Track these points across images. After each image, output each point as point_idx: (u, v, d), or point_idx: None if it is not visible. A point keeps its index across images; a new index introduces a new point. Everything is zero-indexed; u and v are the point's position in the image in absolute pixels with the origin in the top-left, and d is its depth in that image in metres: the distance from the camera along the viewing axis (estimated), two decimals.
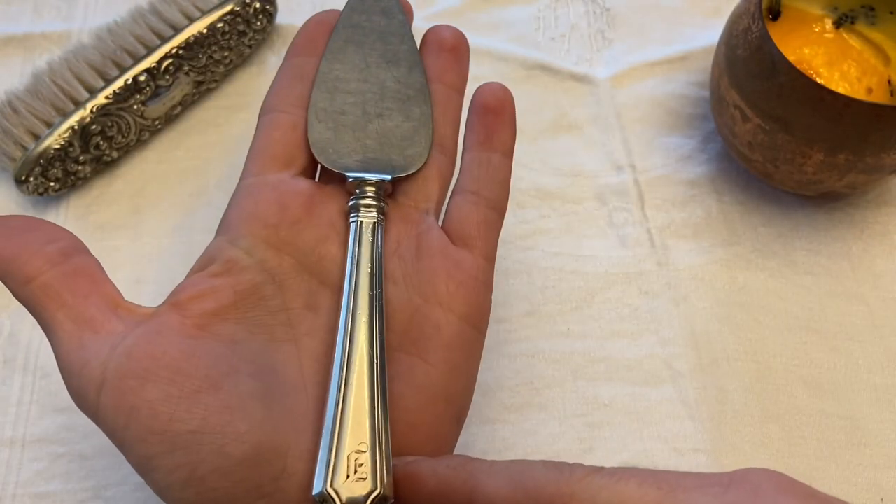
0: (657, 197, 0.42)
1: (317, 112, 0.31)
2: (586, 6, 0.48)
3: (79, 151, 0.40)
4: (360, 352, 0.25)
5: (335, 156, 0.30)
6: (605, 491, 0.20)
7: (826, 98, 0.34)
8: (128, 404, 0.23)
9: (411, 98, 0.31)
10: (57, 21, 0.47)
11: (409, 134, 0.31)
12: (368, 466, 0.23)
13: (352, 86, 0.31)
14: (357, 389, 0.24)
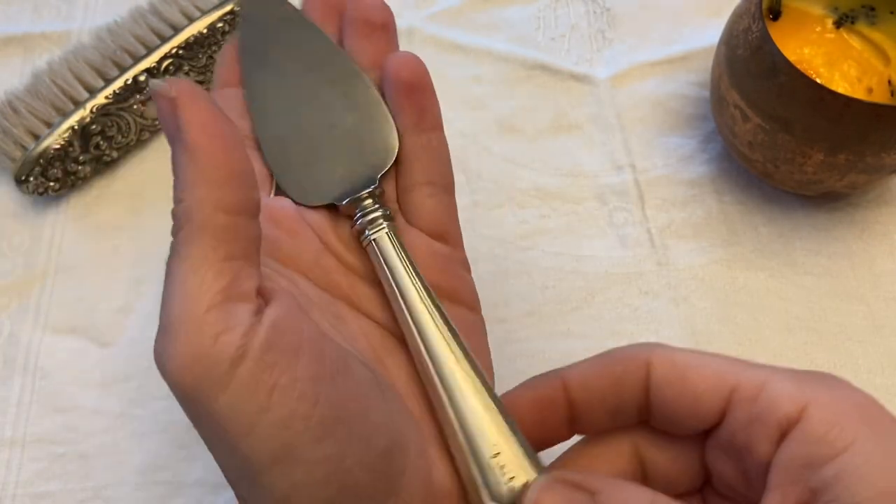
0: (657, 197, 0.42)
1: (272, 155, 0.28)
2: (586, 6, 0.48)
3: (79, 151, 0.40)
4: (448, 366, 0.24)
5: (315, 191, 0.28)
6: (682, 353, 0.23)
7: (826, 98, 0.34)
8: (271, 382, 0.20)
9: (353, 95, 0.29)
10: (57, 21, 0.47)
11: (371, 128, 0.29)
12: (512, 463, 0.23)
13: (291, 112, 0.29)
14: (465, 400, 0.24)
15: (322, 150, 0.28)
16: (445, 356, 0.25)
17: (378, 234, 0.26)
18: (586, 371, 0.24)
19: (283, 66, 0.29)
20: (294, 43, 0.29)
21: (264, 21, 0.29)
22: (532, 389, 0.25)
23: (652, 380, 0.23)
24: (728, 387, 0.22)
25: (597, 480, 0.22)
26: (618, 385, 0.24)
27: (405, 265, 0.26)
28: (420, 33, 0.46)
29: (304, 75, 0.29)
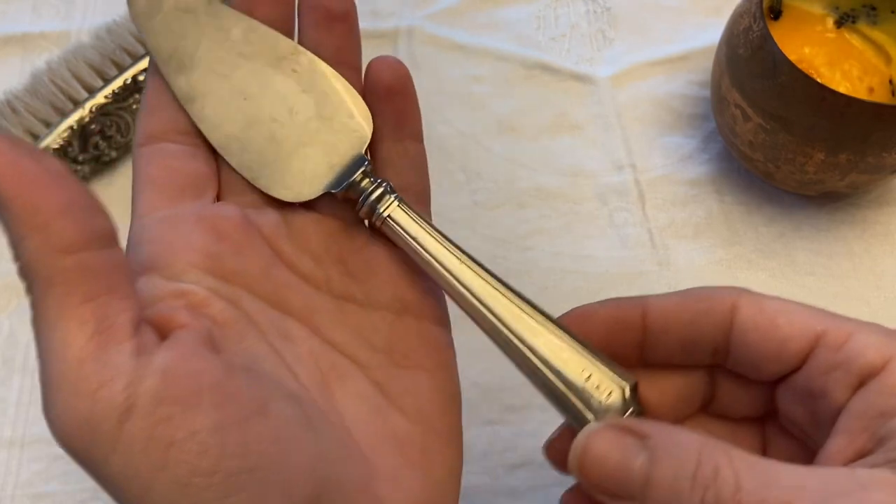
0: (658, 197, 0.42)
1: (236, 158, 0.26)
2: (587, 5, 0.48)
3: (78, 151, 0.40)
4: (509, 312, 0.24)
5: (301, 185, 0.26)
6: (770, 299, 0.23)
7: (827, 98, 0.34)
8: (166, 438, 0.18)
9: (301, 73, 0.27)
10: (56, 21, 0.47)
11: (335, 103, 0.27)
12: (605, 380, 0.23)
13: (238, 107, 0.26)
14: (538, 338, 0.24)
15: (290, 139, 0.26)
16: (503, 304, 0.24)
17: (391, 209, 0.25)
18: (669, 302, 0.24)
19: (209, 60, 0.26)
20: (211, 32, 0.26)
21: (167, 19, 0.26)
22: (610, 308, 0.25)
23: (737, 321, 0.23)
24: (814, 334, 0.22)
25: (648, 425, 0.22)
26: (699, 321, 0.24)
27: (429, 231, 0.25)
28: (420, 33, 0.46)
29: (237, 65, 0.26)
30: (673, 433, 0.21)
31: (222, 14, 0.26)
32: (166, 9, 0.26)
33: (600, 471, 0.21)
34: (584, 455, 0.21)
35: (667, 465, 0.20)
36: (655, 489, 0.20)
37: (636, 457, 0.21)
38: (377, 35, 0.46)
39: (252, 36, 0.26)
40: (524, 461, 0.36)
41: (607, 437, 0.21)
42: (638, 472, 0.20)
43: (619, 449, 0.21)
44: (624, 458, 0.21)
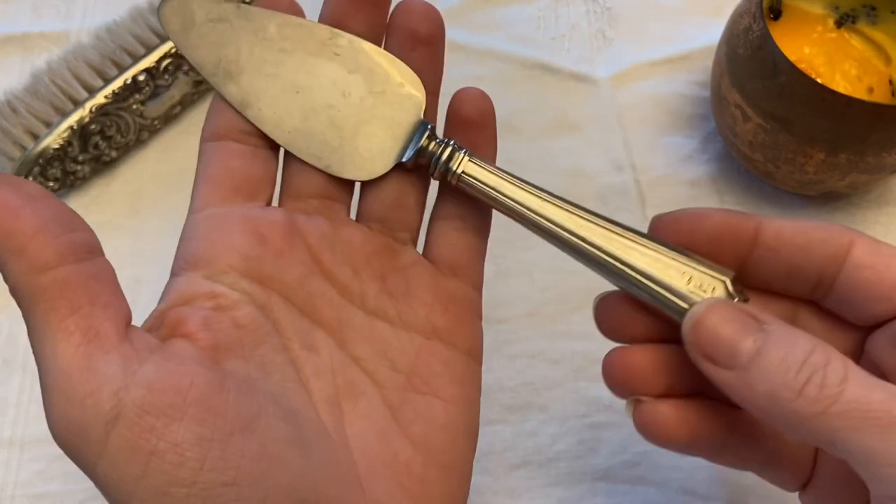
0: (658, 197, 0.42)
1: (303, 150, 0.27)
2: (587, 5, 0.48)
3: (78, 151, 0.40)
4: (603, 237, 0.25)
5: (370, 162, 0.27)
6: (886, 245, 0.23)
7: (827, 98, 0.34)
8: (148, 447, 0.19)
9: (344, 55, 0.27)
10: (56, 21, 0.47)
11: (384, 77, 0.27)
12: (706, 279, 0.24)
13: (293, 101, 0.27)
14: (633, 255, 0.25)
15: (350, 120, 0.27)
16: (593, 230, 0.25)
17: (464, 165, 0.26)
18: (785, 223, 0.24)
19: (253, 63, 0.27)
20: (248, 36, 0.27)
21: (202, 32, 0.27)
22: (724, 214, 0.25)
23: (851, 257, 0.23)
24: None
25: (767, 316, 0.22)
26: (813, 247, 0.24)
27: (505, 177, 0.26)
28: None
29: (281, 61, 0.27)
30: (790, 328, 0.22)
31: (253, 15, 0.27)
32: (199, 22, 0.26)
33: (712, 336, 0.22)
34: (701, 319, 0.23)
35: (780, 345, 0.21)
36: (762, 364, 0.21)
37: (751, 333, 0.22)
38: None
39: (287, 30, 0.27)
40: (524, 461, 0.36)
41: (727, 310, 0.23)
42: (750, 346, 0.21)
43: (736, 322, 0.22)
44: (739, 330, 0.22)
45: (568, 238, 0.26)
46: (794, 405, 0.20)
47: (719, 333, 0.22)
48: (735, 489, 0.35)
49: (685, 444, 0.25)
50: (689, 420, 0.25)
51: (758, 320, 0.22)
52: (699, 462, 0.35)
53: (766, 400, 0.21)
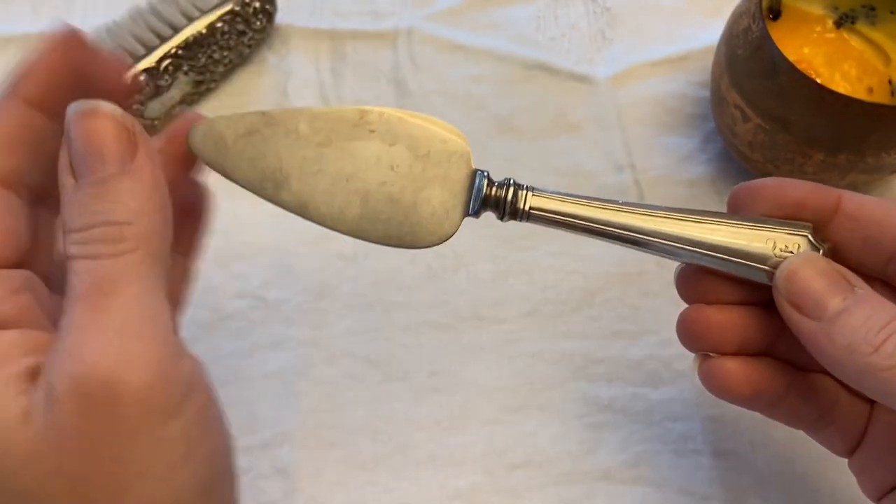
0: (658, 197, 0.42)
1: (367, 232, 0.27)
2: (586, 6, 0.48)
3: None
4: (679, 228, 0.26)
5: (440, 225, 0.27)
6: None
7: (826, 98, 0.34)
8: None
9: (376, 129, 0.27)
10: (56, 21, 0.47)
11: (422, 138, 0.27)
12: (789, 240, 0.26)
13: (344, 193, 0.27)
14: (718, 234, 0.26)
15: (406, 191, 0.27)
16: (669, 225, 0.26)
17: (530, 202, 0.27)
18: (866, 196, 0.26)
19: (296, 165, 0.27)
20: (282, 140, 0.27)
21: (237, 150, 0.26)
22: (809, 183, 0.26)
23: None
24: None
25: (857, 279, 0.24)
26: (890, 222, 0.25)
27: (572, 201, 0.28)
28: (420, 33, 0.46)
29: (322, 155, 0.27)
30: (878, 295, 0.24)
31: (280, 119, 0.27)
32: (231, 141, 0.26)
33: (804, 287, 0.24)
34: (795, 270, 0.24)
35: (867, 307, 0.23)
36: (847, 320, 0.23)
37: (840, 292, 0.23)
38: (377, 35, 0.46)
39: (318, 123, 0.27)
40: (524, 461, 0.36)
41: (821, 265, 0.24)
42: (838, 303, 0.23)
43: (828, 278, 0.24)
44: (831, 286, 0.24)
45: (652, 241, 0.27)
46: (869, 359, 0.22)
47: (811, 286, 0.24)
48: (735, 489, 0.35)
49: (745, 399, 0.27)
50: (752, 377, 0.27)
51: (849, 282, 0.24)
52: (699, 462, 0.36)
53: (843, 351, 0.22)
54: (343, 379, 0.37)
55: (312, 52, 0.46)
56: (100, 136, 0.21)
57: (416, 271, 0.39)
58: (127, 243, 0.20)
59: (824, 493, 0.35)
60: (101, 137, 0.21)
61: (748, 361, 0.27)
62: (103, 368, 0.18)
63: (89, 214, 0.20)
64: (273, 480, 0.35)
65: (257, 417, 0.36)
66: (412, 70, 0.45)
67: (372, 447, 0.36)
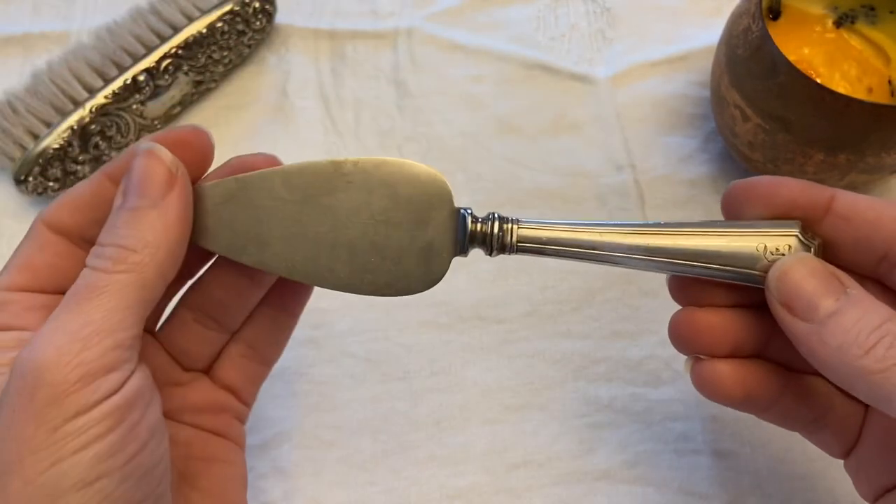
0: (658, 197, 0.42)
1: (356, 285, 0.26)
2: (586, 6, 0.48)
3: (78, 151, 0.40)
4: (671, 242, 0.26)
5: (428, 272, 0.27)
6: None
7: (826, 98, 0.34)
8: None
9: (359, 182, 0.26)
10: (56, 21, 0.47)
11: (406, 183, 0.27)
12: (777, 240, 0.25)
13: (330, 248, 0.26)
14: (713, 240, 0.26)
15: (390, 238, 0.26)
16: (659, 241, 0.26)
17: (517, 233, 0.26)
18: (858, 196, 0.25)
19: (276, 227, 0.26)
20: (260, 202, 0.26)
21: (215, 218, 0.26)
22: (802, 182, 0.26)
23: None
24: None
25: (849, 279, 0.24)
26: (884, 222, 0.25)
27: (561, 226, 0.27)
28: (420, 33, 0.46)
29: (301, 213, 0.26)
30: (869, 296, 0.23)
31: (254, 183, 0.26)
32: (210, 210, 0.26)
33: (796, 288, 0.24)
34: (787, 271, 0.24)
35: (858, 309, 0.23)
36: (838, 322, 0.23)
37: (833, 293, 0.23)
38: (377, 35, 0.46)
39: (293, 181, 0.26)
40: (524, 461, 0.36)
41: (814, 265, 0.24)
42: (830, 305, 0.23)
43: (820, 279, 0.24)
44: (823, 287, 0.23)
45: (639, 259, 0.26)
46: (860, 361, 0.22)
47: (803, 286, 0.24)
48: (735, 489, 0.35)
49: (739, 402, 0.27)
50: (745, 379, 0.26)
51: (841, 282, 0.23)
52: (699, 462, 0.36)
53: (834, 353, 0.22)
54: (343, 379, 0.37)
55: (312, 52, 0.46)
56: (147, 172, 0.24)
57: None
58: (124, 265, 0.23)
59: (823, 493, 0.35)
60: (147, 174, 0.24)
61: (741, 364, 0.27)
62: (37, 357, 0.21)
63: (111, 234, 0.24)
64: (273, 480, 0.35)
65: (257, 417, 0.36)
66: (412, 70, 0.45)
67: (372, 447, 0.36)
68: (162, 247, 0.24)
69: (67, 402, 0.21)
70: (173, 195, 0.24)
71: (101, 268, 0.23)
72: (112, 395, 0.22)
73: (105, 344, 0.22)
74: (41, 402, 0.21)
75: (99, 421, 0.21)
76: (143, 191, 0.24)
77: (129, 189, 0.24)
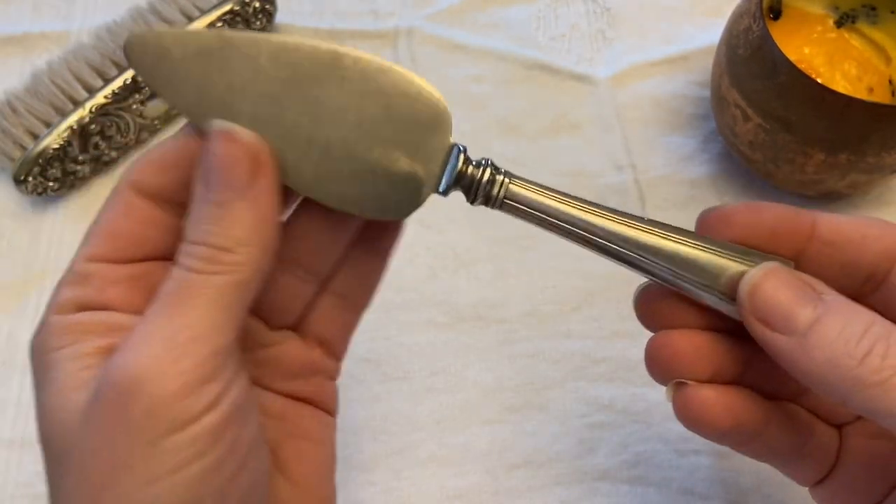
0: (658, 197, 0.42)
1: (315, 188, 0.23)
2: (586, 6, 0.48)
3: (78, 151, 0.40)
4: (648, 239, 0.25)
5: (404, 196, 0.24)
6: None
7: (827, 98, 0.34)
8: None
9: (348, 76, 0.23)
10: (56, 21, 0.47)
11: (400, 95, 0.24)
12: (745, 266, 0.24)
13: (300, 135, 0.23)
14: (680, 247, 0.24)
15: (372, 152, 0.23)
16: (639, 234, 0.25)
17: (506, 187, 0.24)
18: (841, 218, 0.24)
19: (250, 102, 0.23)
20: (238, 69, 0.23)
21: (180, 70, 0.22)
22: (782, 207, 0.24)
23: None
24: None
25: (826, 288, 0.23)
26: (869, 243, 0.24)
27: (554, 195, 0.25)
28: (420, 33, 0.46)
29: (282, 95, 0.23)
30: (848, 301, 0.22)
31: (239, 44, 0.22)
32: (177, 61, 0.22)
33: (770, 301, 0.22)
34: (759, 284, 0.23)
35: (840, 315, 0.21)
36: (822, 332, 0.21)
37: (809, 302, 0.22)
38: (377, 35, 0.46)
39: (284, 57, 0.23)
40: (524, 461, 0.36)
41: (785, 275, 0.23)
42: (809, 314, 0.22)
43: (794, 289, 0.22)
44: (798, 297, 0.22)
45: (616, 248, 0.25)
46: (854, 372, 0.20)
47: (777, 298, 0.22)
48: (735, 489, 0.35)
49: (725, 431, 0.25)
50: (733, 406, 0.25)
51: (815, 290, 0.22)
52: (699, 462, 0.36)
53: (825, 367, 0.21)
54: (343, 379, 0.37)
55: None
56: (230, 159, 0.21)
57: (416, 271, 0.39)
58: (218, 266, 0.21)
59: None
60: (230, 161, 0.21)
61: (727, 389, 0.25)
62: (131, 366, 0.20)
63: (200, 232, 0.21)
64: None
65: None
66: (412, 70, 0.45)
67: (372, 447, 0.36)
68: (256, 243, 0.21)
69: (165, 415, 0.19)
70: (261, 183, 0.22)
71: (195, 268, 0.21)
72: (212, 408, 0.20)
73: (203, 351, 0.20)
74: (137, 414, 0.19)
75: (198, 437, 0.20)
76: (225, 181, 0.21)
77: (210, 178, 0.21)
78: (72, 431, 0.20)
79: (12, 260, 0.40)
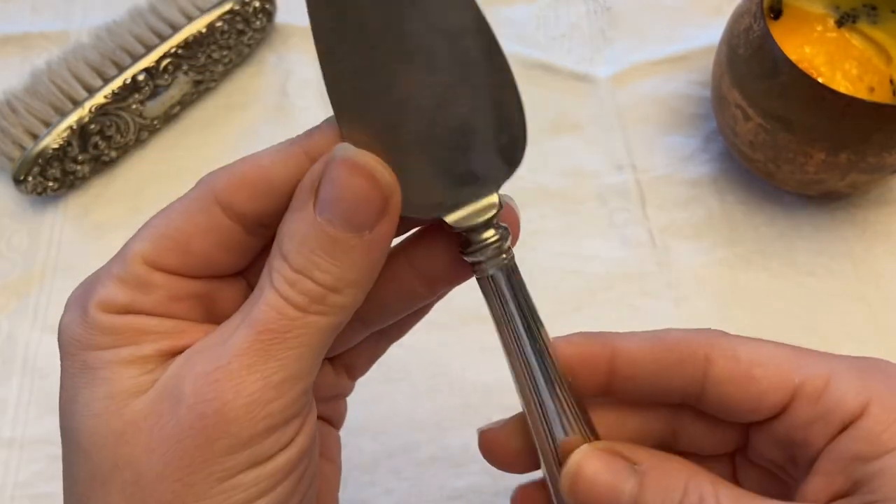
0: (658, 197, 0.42)
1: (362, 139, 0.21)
2: (587, 5, 0.48)
3: (77, 151, 0.40)
4: None
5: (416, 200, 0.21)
6: (745, 346, 0.22)
7: (827, 97, 0.34)
8: None
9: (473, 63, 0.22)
10: (55, 20, 0.47)
11: (493, 111, 0.22)
12: None
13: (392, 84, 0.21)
14: None
15: (430, 139, 0.21)
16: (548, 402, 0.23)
17: (500, 269, 0.23)
18: (639, 348, 0.23)
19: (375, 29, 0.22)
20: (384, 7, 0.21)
21: None
22: (576, 345, 0.24)
23: (711, 374, 0.22)
24: (792, 385, 0.22)
25: (639, 452, 0.22)
26: (670, 373, 0.23)
27: (523, 312, 0.24)
28: None
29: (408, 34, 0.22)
30: (662, 460, 0.22)
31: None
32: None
33: (591, 492, 0.21)
34: (575, 475, 0.22)
35: (655, 490, 0.21)
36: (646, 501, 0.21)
37: (626, 480, 0.21)
38: None
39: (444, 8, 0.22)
40: None
41: (599, 459, 0.22)
42: (627, 496, 0.21)
43: (610, 471, 0.21)
44: (615, 480, 0.21)
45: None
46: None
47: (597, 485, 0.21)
48: None
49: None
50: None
51: (631, 460, 0.22)
52: None
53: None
54: None
55: (312, 51, 0.45)
56: (358, 196, 0.20)
57: None
58: (323, 307, 0.20)
59: None
60: (358, 198, 0.20)
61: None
62: (223, 401, 0.19)
63: (307, 262, 0.20)
64: None
65: None
66: None
67: (372, 447, 0.36)
68: (363, 286, 0.20)
69: (247, 453, 0.19)
70: (383, 226, 0.20)
71: (299, 305, 0.20)
72: (290, 445, 0.20)
73: (293, 393, 0.20)
74: (220, 450, 0.19)
75: (273, 473, 0.20)
76: (352, 218, 0.19)
77: (334, 211, 0.19)
78: (128, 443, 0.20)
79: (11, 260, 0.40)
